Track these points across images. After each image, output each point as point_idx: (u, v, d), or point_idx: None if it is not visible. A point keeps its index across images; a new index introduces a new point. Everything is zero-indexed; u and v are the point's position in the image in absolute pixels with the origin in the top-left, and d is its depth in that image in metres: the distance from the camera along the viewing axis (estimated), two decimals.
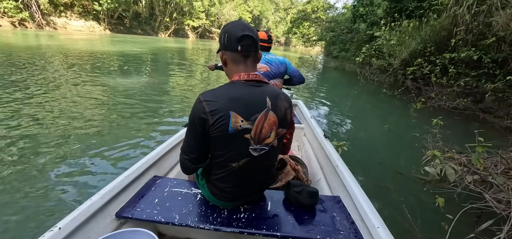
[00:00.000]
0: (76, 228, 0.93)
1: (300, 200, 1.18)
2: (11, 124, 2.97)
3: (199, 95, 0.90)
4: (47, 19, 23.21)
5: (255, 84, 0.92)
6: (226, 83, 0.94)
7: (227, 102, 0.86)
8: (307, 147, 2.15)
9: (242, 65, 0.92)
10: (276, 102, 0.94)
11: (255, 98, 0.90)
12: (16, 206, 1.75)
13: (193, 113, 0.89)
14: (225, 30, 0.92)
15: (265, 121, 0.91)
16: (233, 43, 0.89)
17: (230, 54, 0.92)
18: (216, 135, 0.88)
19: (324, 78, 11.61)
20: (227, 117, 0.85)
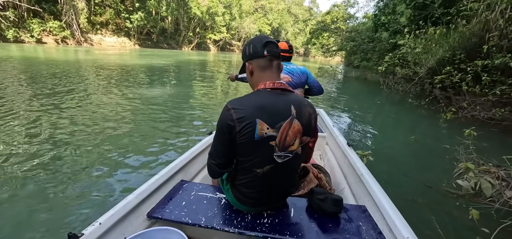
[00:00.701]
0: (113, 225, 1.02)
1: (324, 208, 1.18)
2: (51, 128, 3.30)
3: (227, 103, 0.95)
4: (85, 36, 25.52)
5: (280, 92, 0.96)
6: (253, 91, 0.99)
7: (254, 110, 0.90)
8: (329, 156, 2.14)
9: (268, 71, 0.97)
10: (301, 110, 0.97)
11: (280, 106, 0.93)
12: (58, 202, 1.94)
13: (221, 120, 0.94)
14: (249, 43, 1.00)
15: (289, 129, 0.94)
16: (259, 49, 0.95)
17: (256, 61, 0.97)
18: (243, 142, 0.92)
19: (345, 88, 11.38)
20: (254, 124, 0.89)
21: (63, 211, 1.87)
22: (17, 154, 2.59)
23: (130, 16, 28.44)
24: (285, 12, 65.22)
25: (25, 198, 1.96)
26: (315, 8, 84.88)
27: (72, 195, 2.05)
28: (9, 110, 3.97)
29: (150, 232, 0.99)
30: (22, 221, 1.74)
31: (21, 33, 20.61)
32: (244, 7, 48.14)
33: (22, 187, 2.08)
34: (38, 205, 1.90)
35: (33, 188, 2.08)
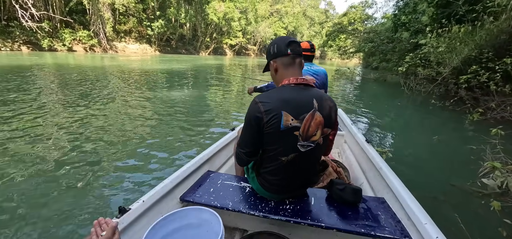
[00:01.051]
0: (153, 204, 1.17)
1: (343, 197, 1.24)
2: (86, 126, 3.62)
3: (255, 97, 1.05)
4: (111, 44, 27.15)
5: (303, 87, 1.05)
6: (279, 87, 1.08)
7: (279, 103, 0.99)
8: (348, 154, 2.18)
9: (291, 68, 1.07)
10: (322, 104, 1.04)
11: (303, 100, 1.02)
12: (103, 185, 2.19)
13: (249, 113, 1.04)
14: (273, 43, 1.10)
15: (312, 120, 1.02)
16: (283, 48, 1.05)
17: (280, 59, 1.07)
18: (269, 132, 1.01)
19: (363, 89, 11.13)
20: (279, 116, 0.98)
21: (110, 191, 2.17)
22: (70, 148, 2.89)
23: (151, 24, 29.86)
24: (301, 15, 64.96)
25: (79, 180, 2.24)
26: (331, 10, 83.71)
27: (114, 180, 2.34)
28: (52, 111, 4.39)
29: (185, 210, 1.11)
30: (80, 198, 2.05)
31: (54, 42, 22.34)
32: (260, 12, 48.63)
33: (74, 173, 2.35)
34: (90, 186, 2.21)
35: (82, 174, 2.36)
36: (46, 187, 2.17)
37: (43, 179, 2.29)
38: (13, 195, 2.03)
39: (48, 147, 2.95)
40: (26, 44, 20.98)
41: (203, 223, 1.11)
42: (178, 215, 1.08)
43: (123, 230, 1.02)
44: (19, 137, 3.19)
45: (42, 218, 1.81)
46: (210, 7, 34.58)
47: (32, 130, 3.46)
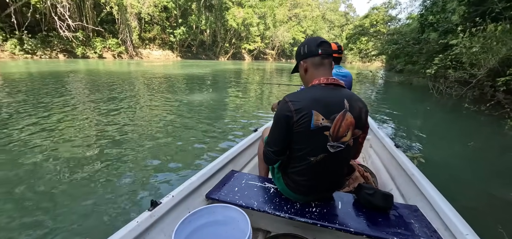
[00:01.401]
0: (181, 199, 1.21)
1: (373, 202, 1.19)
2: (117, 126, 3.84)
3: (285, 96, 1.05)
4: (136, 51, 28.72)
5: (333, 87, 1.04)
6: (310, 86, 1.07)
7: (310, 102, 0.99)
8: (374, 158, 2.09)
9: (321, 68, 1.06)
10: (353, 105, 1.03)
11: (334, 100, 1.01)
12: (133, 181, 2.29)
13: (279, 111, 1.04)
14: (303, 44, 1.11)
15: (343, 121, 1.00)
16: (314, 48, 1.06)
17: (311, 59, 1.07)
18: (299, 131, 1.00)
19: (387, 93, 10.66)
20: (310, 115, 0.98)
21: (139, 186, 2.31)
22: (103, 145, 3.10)
23: (174, 31, 31.17)
24: (320, 19, 64.15)
25: (112, 175, 2.39)
26: (352, 13, 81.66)
27: (143, 175, 2.48)
28: (86, 112, 4.72)
29: (212, 207, 1.13)
30: (116, 191, 2.19)
31: (87, 50, 24.10)
32: (278, 17, 48.74)
33: (108, 168, 2.51)
34: (122, 181, 2.36)
35: (115, 169, 2.50)
36: (83, 181, 2.34)
37: (81, 173, 2.46)
38: (53, 187, 2.21)
39: (84, 144, 3.17)
40: (63, 52, 22.84)
41: (229, 221, 1.12)
42: (206, 211, 1.11)
43: (155, 222, 1.06)
44: (58, 136, 3.47)
45: (79, 209, 1.94)
46: (229, 14, 35.35)
47: (69, 129, 3.74)
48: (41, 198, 2.09)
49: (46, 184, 2.28)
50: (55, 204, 2.01)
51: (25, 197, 2.08)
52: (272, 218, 1.28)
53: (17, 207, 1.96)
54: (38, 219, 1.83)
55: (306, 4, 59.23)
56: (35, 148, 3.02)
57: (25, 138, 3.34)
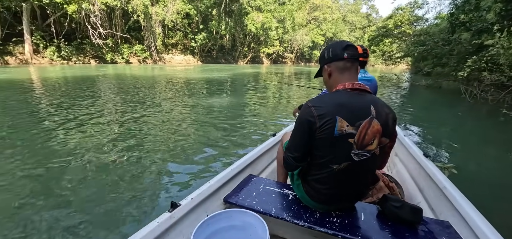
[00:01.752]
0: (200, 202, 1.22)
1: (400, 216, 1.11)
2: (140, 127, 4.03)
3: (307, 101, 1.03)
4: (160, 56, 30.11)
5: (359, 93, 0.99)
6: (334, 91, 1.03)
7: (334, 108, 0.95)
8: (399, 168, 1.97)
9: (346, 73, 1.02)
10: (381, 111, 0.98)
11: (360, 106, 0.96)
12: (152, 182, 2.39)
13: (301, 117, 1.01)
14: (328, 47, 1.07)
15: (369, 128, 0.96)
16: (339, 52, 1.02)
17: (335, 64, 1.03)
18: (322, 137, 0.97)
19: (413, 97, 10.09)
20: (334, 121, 0.94)
21: (159, 186, 2.40)
22: (126, 146, 3.27)
23: (195, 37, 32.24)
24: (340, 21, 62.63)
25: (134, 174, 2.50)
26: (374, 14, 78.90)
27: (162, 177, 2.57)
28: (113, 113, 5.02)
29: (230, 212, 1.13)
30: (137, 190, 2.27)
31: (115, 56, 25.71)
32: (297, 20, 48.41)
33: (128, 170, 2.64)
34: (142, 181, 2.45)
35: (136, 169, 2.63)
36: (107, 179, 2.47)
37: (105, 171, 2.61)
38: (80, 183, 2.36)
39: (109, 144, 3.36)
40: (94, 58, 24.59)
41: (247, 227, 1.11)
42: (224, 216, 1.11)
43: (175, 223, 1.08)
44: (87, 136, 3.71)
45: (102, 205, 2.05)
46: (248, 18, 35.80)
47: (96, 130, 3.99)
48: (67, 193, 2.24)
49: (73, 180, 2.44)
50: (81, 200, 2.14)
51: (52, 192, 2.25)
52: (290, 226, 1.25)
53: (44, 200, 2.12)
54: (62, 214, 1.96)
55: (326, 6, 58.20)
56: (66, 146, 3.26)
57: (58, 136, 3.62)
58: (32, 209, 2.00)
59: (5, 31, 19.75)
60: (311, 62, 58.66)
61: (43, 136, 3.67)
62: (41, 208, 2.03)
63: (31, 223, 1.85)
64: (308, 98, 1.78)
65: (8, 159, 2.90)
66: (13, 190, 2.28)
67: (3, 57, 19.73)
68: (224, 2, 33.08)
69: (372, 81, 1.93)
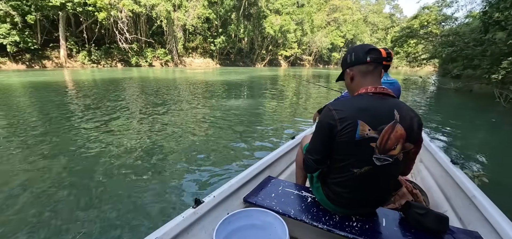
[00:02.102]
0: (221, 200, 1.26)
1: (424, 224, 1.08)
2: (162, 127, 4.22)
3: (328, 104, 1.04)
4: (181, 59, 31.26)
5: (382, 97, 0.98)
6: (356, 95, 1.03)
7: (355, 112, 0.94)
8: (424, 175, 1.90)
9: (369, 77, 1.01)
10: (405, 116, 0.96)
11: (383, 110, 0.95)
12: (176, 180, 2.51)
13: (322, 120, 1.01)
14: (350, 51, 1.06)
15: (392, 133, 0.94)
16: (362, 56, 1.01)
17: (358, 67, 1.02)
18: (343, 140, 0.96)
19: (441, 102, 9.53)
20: (355, 124, 0.93)
21: (181, 184, 2.50)
22: (149, 145, 3.46)
23: (214, 40, 33.03)
24: (361, 22, 60.76)
25: (158, 172, 2.65)
26: (398, 14, 75.53)
27: (184, 175, 2.67)
28: (137, 114, 5.30)
29: (250, 210, 1.17)
30: (161, 188, 2.39)
31: (140, 59, 27.08)
32: (316, 22, 47.76)
33: (154, 167, 2.79)
34: (165, 179, 2.56)
35: (160, 167, 2.77)
36: (133, 175, 2.62)
37: (132, 169, 2.77)
38: (108, 179, 2.53)
39: (134, 143, 3.56)
40: (120, 61, 26.09)
41: (267, 226, 1.14)
42: (244, 214, 1.15)
43: (198, 219, 1.14)
44: (114, 134, 3.96)
45: (128, 200, 2.19)
46: (267, 21, 35.98)
47: (122, 129, 4.25)
48: (98, 187, 2.41)
49: (102, 176, 2.62)
50: (109, 195, 2.30)
51: (83, 187, 2.43)
52: (309, 228, 1.25)
53: (76, 194, 2.30)
54: (93, 207, 2.11)
55: (346, 7, 56.78)
56: (95, 143, 3.51)
57: (88, 134, 3.91)
58: (65, 202, 2.19)
59: (43, 38, 21.61)
60: (330, 65, 57.45)
61: (77, 134, 3.98)
62: (73, 201, 2.21)
63: (63, 214, 2.03)
64: (327, 101, 1.76)
65: (45, 154, 3.19)
66: (49, 182, 2.50)
67: (41, 61, 21.60)
68: (243, 6, 33.56)
69: (395, 84, 1.88)
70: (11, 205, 2.12)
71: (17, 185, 2.45)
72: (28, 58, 20.83)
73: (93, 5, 21.00)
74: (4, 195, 2.27)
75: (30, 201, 2.18)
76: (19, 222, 1.92)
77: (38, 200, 2.20)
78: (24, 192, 2.32)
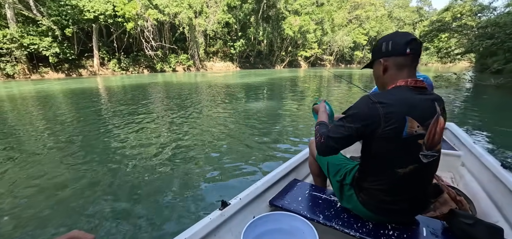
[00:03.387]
0: (247, 203, 1.25)
1: (474, 235, 0.96)
2: (187, 130, 4.33)
3: (369, 96, 0.91)
4: (202, 64, 32.26)
5: (422, 90, 0.91)
6: (394, 87, 0.92)
7: (404, 107, 0.86)
8: (468, 180, 1.71)
9: (406, 70, 0.91)
10: (443, 107, 0.95)
11: (426, 104, 0.89)
12: (202, 183, 2.55)
13: (363, 110, 0.89)
14: (387, 39, 0.94)
15: (437, 127, 0.89)
16: (401, 46, 0.90)
17: (394, 59, 0.92)
18: (387, 138, 0.87)
19: (479, 100, 8.70)
20: (403, 121, 0.85)
21: (206, 187, 2.54)
22: (175, 147, 3.58)
23: (234, 44, 33.59)
24: (386, 18, 57.91)
25: (183, 175, 2.72)
26: (427, 7, 70.97)
27: (208, 177, 2.71)
28: (163, 117, 5.53)
29: (278, 215, 1.13)
30: (187, 189, 2.45)
31: (164, 65, 28.39)
32: (337, 21, 46.48)
33: (181, 170, 2.88)
34: (190, 181, 2.62)
35: (185, 170, 2.85)
36: (159, 178, 2.72)
37: (159, 171, 2.87)
38: (137, 180, 2.64)
39: (161, 146, 3.70)
40: (147, 68, 27.58)
41: (295, 231, 1.10)
42: (271, 218, 1.12)
43: (224, 221, 1.13)
44: (145, 137, 4.15)
45: (159, 200, 2.26)
46: (286, 23, 35.78)
47: (150, 132, 4.44)
48: (128, 188, 2.52)
49: (129, 177, 2.74)
50: (138, 196, 2.39)
51: (112, 188, 2.56)
52: (340, 235, 1.18)
53: (106, 195, 2.42)
54: (124, 207, 2.21)
55: (368, 3, 54.46)
56: (123, 144, 3.71)
57: (118, 136, 4.14)
58: (97, 201, 2.32)
59: (79, 48, 23.58)
60: (353, 64, 55.43)
61: (109, 137, 4.24)
62: (107, 201, 2.34)
63: (94, 211, 2.15)
64: (349, 104, 1.66)
65: (80, 155, 3.43)
66: (84, 181, 2.67)
67: (78, 70, 23.56)
68: (262, 9, 33.73)
69: (427, 79, 1.82)
70: (50, 196, 2.30)
71: (58, 182, 2.66)
72: (67, 68, 22.84)
73: (122, 16, 22.50)
74: (49, 184, 2.46)
75: (63, 197, 2.35)
76: (54, 212, 2.07)
77: (67, 196, 2.36)
78: (57, 189, 2.51)
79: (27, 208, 2.21)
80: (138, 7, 23.35)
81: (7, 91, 11.66)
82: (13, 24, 19.26)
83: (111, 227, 1.94)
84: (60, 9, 20.33)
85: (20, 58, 19.82)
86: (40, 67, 21.47)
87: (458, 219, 1.02)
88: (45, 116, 6.06)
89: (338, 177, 1.19)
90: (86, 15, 20.97)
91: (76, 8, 20.79)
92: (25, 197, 2.39)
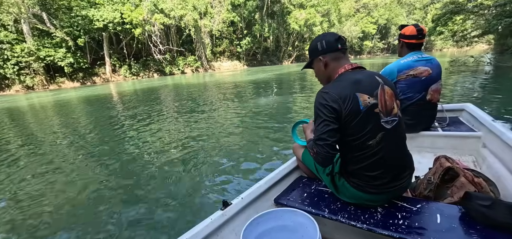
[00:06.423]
0: (250, 202, 1.23)
1: (492, 217, 0.90)
2: (194, 130, 4.37)
3: (321, 90, 1.03)
4: (209, 64, 32.57)
5: (361, 69, 1.06)
6: (339, 75, 1.06)
7: (350, 86, 0.98)
8: (491, 162, 1.60)
9: (343, 60, 1.08)
10: (383, 79, 1.04)
11: (369, 79, 1.01)
12: (206, 182, 2.56)
13: (321, 102, 0.99)
14: (319, 39, 1.10)
15: (385, 94, 1.00)
16: (333, 43, 1.06)
17: (330, 55, 1.08)
18: (350, 118, 0.97)
19: (501, 82, 8.22)
20: (355, 98, 0.96)
21: (211, 186, 2.53)
22: (181, 148, 3.63)
23: (240, 42, 33.62)
24: (395, 4, 55.83)
25: (188, 174, 2.74)
26: None
27: (214, 177, 2.71)
28: (172, 118, 5.62)
29: (280, 211, 1.11)
30: (194, 190, 2.48)
31: (173, 68, 28.91)
32: (344, 11, 45.40)
33: (186, 169, 2.91)
34: (194, 180, 2.62)
35: (190, 169, 2.88)
36: (164, 176, 2.76)
37: (162, 170, 2.92)
38: (142, 179, 2.69)
39: (166, 146, 3.76)
40: (156, 72, 28.17)
41: (298, 227, 1.08)
42: (274, 215, 1.10)
43: (226, 221, 1.12)
44: (152, 138, 4.23)
45: (161, 200, 2.29)
46: (291, 17, 35.35)
47: (157, 132, 4.52)
48: (131, 187, 2.57)
49: (137, 177, 2.80)
50: (144, 194, 2.43)
51: (119, 187, 2.62)
52: (347, 229, 1.15)
53: (115, 193, 2.47)
54: (127, 207, 2.25)
55: None
56: (134, 148, 3.79)
57: (123, 138, 4.24)
58: (106, 200, 2.39)
59: (92, 57, 24.42)
60: (363, 54, 54.00)
61: (117, 138, 4.35)
62: (115, 200, 2.40)
63: (95, 210, 2.20)
64: None
65: (93, 158, 3.54)
66: (95, 182, 2.75)
67: (91, 78, 24.44)
68: (266, 5, 33.50)
69: (433, 61, 1.74)
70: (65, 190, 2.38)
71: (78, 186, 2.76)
72: (81, 76, 23.75)
73: (130, 23, 23.07)
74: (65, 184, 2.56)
75: (71, 196, 2.43)
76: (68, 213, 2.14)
77: (73, 196, 2.43)
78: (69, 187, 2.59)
79: (55, 209, 2.29)
80: (145, 12, 23.84)
81: (28, 102, 12.28)
82: (30, 38, 20.21)
83: (111, 227, 1.98)
84: (71, 20, 21.14)
85: (38, 70, 20.81)
86: (56, 78, 22.46)
87: (474, 202, 0.96)
88: (66, 124, 6.33)
89: (327, 170, 1.23)
90: (96, 24, 21.68)
91: (86, 18, 21.54)
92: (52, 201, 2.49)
